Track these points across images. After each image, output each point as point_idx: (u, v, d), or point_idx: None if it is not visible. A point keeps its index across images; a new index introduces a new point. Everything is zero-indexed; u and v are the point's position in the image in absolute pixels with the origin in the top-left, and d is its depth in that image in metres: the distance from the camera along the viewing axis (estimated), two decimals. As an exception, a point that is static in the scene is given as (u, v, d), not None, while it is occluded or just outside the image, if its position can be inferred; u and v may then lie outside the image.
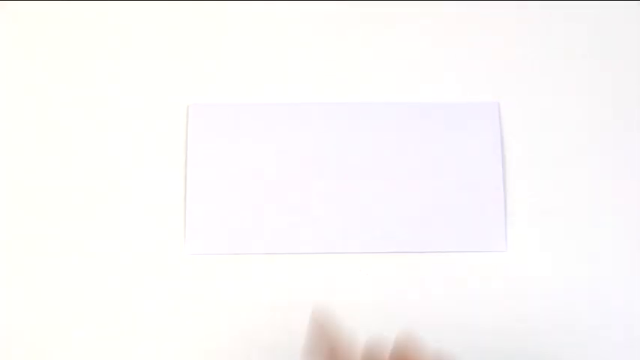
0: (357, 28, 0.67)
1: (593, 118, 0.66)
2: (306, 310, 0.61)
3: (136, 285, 0.60)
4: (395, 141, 0.64)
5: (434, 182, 0.63)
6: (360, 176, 0.64)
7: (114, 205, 0.63)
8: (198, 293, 0.60)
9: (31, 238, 0.63)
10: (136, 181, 0.63)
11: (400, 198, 0.63)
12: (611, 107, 0.66)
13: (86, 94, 0.66)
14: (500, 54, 0.67)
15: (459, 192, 0.63)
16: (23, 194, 0.64)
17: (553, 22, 0.67)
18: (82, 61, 0.67)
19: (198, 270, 0.62)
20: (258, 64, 0.67)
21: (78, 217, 0.63)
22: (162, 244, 0.62)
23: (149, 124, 0.65)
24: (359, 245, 0.63)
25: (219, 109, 0.65)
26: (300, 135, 0.65)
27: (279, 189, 0.64)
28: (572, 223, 0.63)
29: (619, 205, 0.64)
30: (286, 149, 0.64)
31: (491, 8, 0.68)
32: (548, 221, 0.63)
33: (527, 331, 0.60)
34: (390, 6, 0.68)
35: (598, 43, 0.67)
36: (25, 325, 0.61)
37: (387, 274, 0.62)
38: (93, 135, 0.65)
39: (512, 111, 0.65)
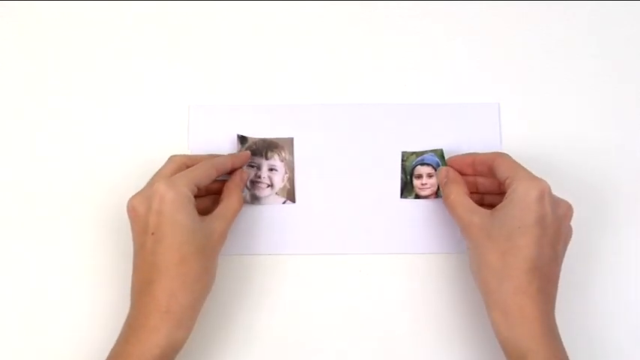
0: (358, 30, 0.67)
1: (593, 118, 0.66)
2: (307, 310, 0.62)
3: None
4: (396, 141, 0.65)
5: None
6: (361, 176, 0.64)
7: (116, 203, 0.63)
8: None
9: (30, 238, 0.63)
10: (137, 179, 0.63)
11: (401, 198, 0.64)
12: (610, 107, 0.66)
13: (89, 94, 0.66)
14: (501, 55, 0.67)
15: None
16: (24, 194, 0.64)
17: (553, 22, 0.67)
18: (86, 63, 0.67)
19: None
20: (256, 66, 0.67)
21: (80, 215, 0.63)
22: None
23: (151, 124, 0.65)
24: (359, 246, 0.63)
25: (219, 110, 0.65)
26: (299, 135, 0.65)
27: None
28: (572, 222, 0.63)
29: (619, 205, 0.64)
30: (287, 149, 0.65)
31: (491, 9, 0.68)
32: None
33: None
34: (391, 7, 0.68)
35: (598, 43, 0.67)
36: (28, 324, 0.62)
37: (387, 275, 0.62)
38: (95, 134, 0.65)
39: (512, 111, 0.65)
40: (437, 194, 0.63)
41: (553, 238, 0.54)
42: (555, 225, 0.55)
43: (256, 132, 0.64)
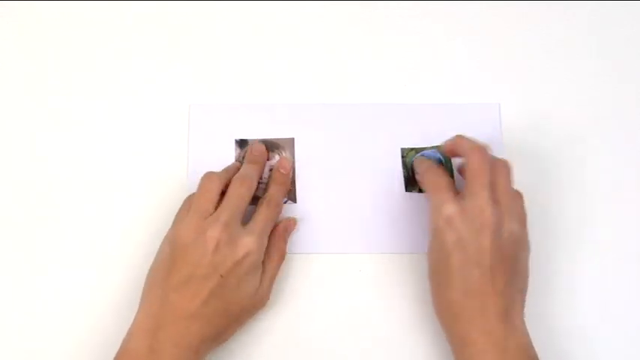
0: (358, 30, 0.67)
1: (593, 118, 0.66)
2: (306, 309, 0.62)
3: (140, 283, 0.60)
4: (396, 141, 0.65)
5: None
6: (362, 175, 0.64)
7: (117, 201, 0.63)
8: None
9: (30, 238, 0.63)
10: (139, 177, 0.64)
11: (402, 198, 0.64)
12: (610, 108, 0.66)
13: (89, 94, 0.66)
14: (501, 55, 0.67)
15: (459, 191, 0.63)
16: (24, 194, 0.64)
17: (553, 22, 0.68)
18: (86, 63, 0.67)
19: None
20: (256, 66, 0.67)
21: (80, 214, 0.63)
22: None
23: (152, 123, 0.65)
24: (359, 246, 0.63)
25: (219, 109, 0.65)
26: (299, 135, 0.65)
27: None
28: (572, 222, 0.63)
29: (619, 205, 0.64)
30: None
31: (491, 9, 0.68)
32: (546, 220, 0.63)
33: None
34: (391, 7, 0.68)
35: (598, 43, 0.67)
36: (27, 326, 0.62)
37: (388, 275, 0.62)
38: (95, 134, 0.65)
39: (512, 111, 0.65)
40: None
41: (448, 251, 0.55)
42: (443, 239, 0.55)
43: (257, 132, 0.65)
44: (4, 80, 0.66)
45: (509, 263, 0.55)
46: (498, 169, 0.57)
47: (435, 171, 0.59)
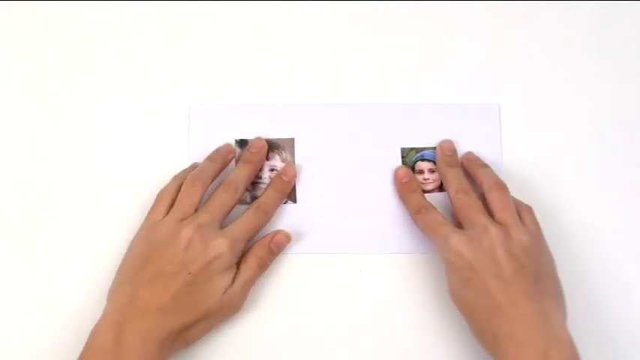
0: (358, 30, 0.67)
1: (593, 119, 0.66)
2: (306, 309, 0.62)
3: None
4: (396, 141, 0.65)
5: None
6: (362, 176, 0.64)
7: (118, 200, 0.63)
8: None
9: (30, 238, 0.63)
10: (140, 176, 0.64)
11: (401, 198, 0.64)
12: (610, 108, 0.66)
13: (89, 94, 0.66)
14: (501, 55, 0.67)
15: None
16: (24, 194, 0.64)
17: (553, 22, 0.68)
18: (86, 63, 0.67)
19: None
20: (256, 66, 0.67)
21: (80, 214, 0.63)
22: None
23: (152, 123, 0.65)
24: (359, 246, 0.63)
25: (219, 109, 0.65)
26: (299, 135, 0.65)
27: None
28: (571, 222, 0.63)
29: (619, 205, 0.64)
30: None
31: (491, 9, 0.68)
32: (546, 221, 0.63)
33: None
34: (391, 7, 0.68)
35: (598, 43, 0.67)
36: (26, 325, 0.62)
37: (388, 275, 0.62)
38: (95, 134, 0.65)
39: (512, 111, 0.65)
40: (440, 188, 0.62)
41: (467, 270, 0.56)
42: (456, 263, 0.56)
43: (257, 132, 0.65)
44: (4, 80, 0.66)
45: (529, 269, 0.54)
46: (491, 193, 0.58)
47: (426, 210, 0.60)
